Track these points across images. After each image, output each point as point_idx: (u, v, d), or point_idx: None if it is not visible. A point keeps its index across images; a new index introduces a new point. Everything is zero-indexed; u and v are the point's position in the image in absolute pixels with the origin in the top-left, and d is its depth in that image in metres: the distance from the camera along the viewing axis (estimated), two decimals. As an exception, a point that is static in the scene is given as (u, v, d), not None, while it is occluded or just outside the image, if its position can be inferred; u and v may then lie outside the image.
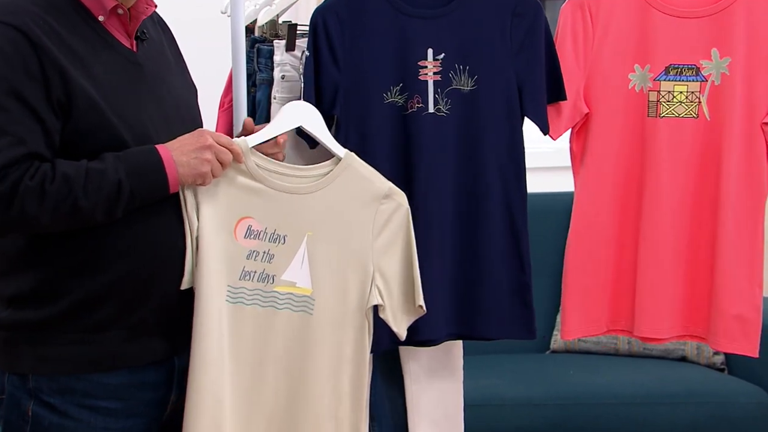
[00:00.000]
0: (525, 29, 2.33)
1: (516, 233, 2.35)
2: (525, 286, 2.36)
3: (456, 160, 2.32)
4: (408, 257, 2.09)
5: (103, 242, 1.90)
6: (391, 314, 2.09)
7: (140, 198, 1.89)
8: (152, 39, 2.03)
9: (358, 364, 2.07)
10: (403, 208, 2.10)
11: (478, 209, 2.33)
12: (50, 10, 1.88)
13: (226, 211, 2.02)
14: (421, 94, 2.31)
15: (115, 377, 1.94)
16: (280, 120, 2.11)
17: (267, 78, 2.49)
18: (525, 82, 2.33)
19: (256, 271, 2.03)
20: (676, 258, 2.40)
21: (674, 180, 2.38)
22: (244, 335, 2.03)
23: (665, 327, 2.42)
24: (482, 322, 2.35)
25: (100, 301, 1.91)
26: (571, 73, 2.38)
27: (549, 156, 3.75)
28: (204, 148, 1.94)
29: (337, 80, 2.27)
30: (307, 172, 2.08)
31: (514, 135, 2.35)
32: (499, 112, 2.33)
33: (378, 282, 2.07)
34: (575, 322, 2.45)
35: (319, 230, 2.05)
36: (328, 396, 2.06)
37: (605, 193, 2.42)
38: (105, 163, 1.86)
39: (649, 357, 3.46)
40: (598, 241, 2.42)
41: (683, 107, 2.38)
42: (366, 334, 2.08)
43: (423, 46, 2.31)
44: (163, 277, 1.95)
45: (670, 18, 2.36)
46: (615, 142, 2.41)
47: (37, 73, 1.83)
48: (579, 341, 3.46)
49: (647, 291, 2.40)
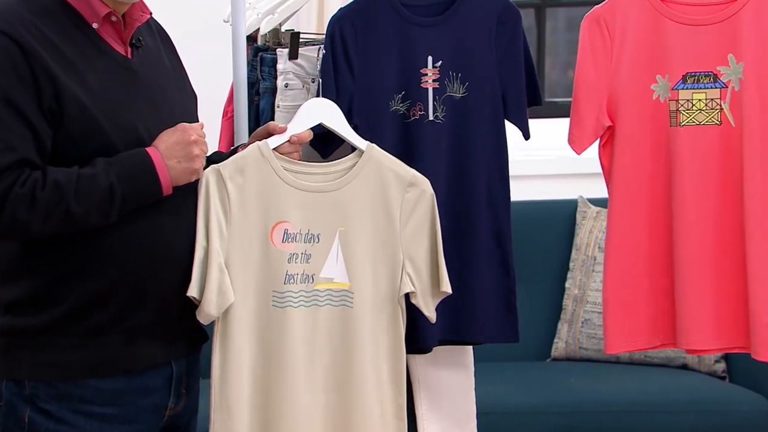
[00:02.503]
0: (509, 36, 2.34)
1: (501, 238, 2.36)
2: (510, 290, 2.37)
3: (448, 167, 2.33)
4: (434, 242, 2.11)
5: (98, 246, 1.88)
6: (422, 299, 2.12)
7: (133, 201, 1.88)
8: (148, 46, 2.01)
9: (395, 351, 2.10)
10: (428, 193, 2.11)
11: (467, 216, 2.33)
12: (44, 17, 1.87)
13: (259, 219, 2.04)
14: (423, 102, 2.31)
15: (112, 383, 1.92)
16: (300, 118, 2.11)
17: (270, 86, 2.47)
18: (508, 87, 2.35)
19: (297, 273, 2.05)
20: (708, 268, 2.36)
21: (698, 188, 2.35)
22: (297, 337, 2.05)
23: (706, 338, 2.37)
24: (470, 327, 2.36)
25: (98, 305, 1.90)
26: (593, 88, 2.37)
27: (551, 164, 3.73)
28: (190, 143, 1.93)
29: (352, 89, 2.28)
30: (332, 168, 2.10)
31: (499, 140, 2.36)
32: (486, 118, 2.34)
33: (408, 269, 2.09)
34: (617, 335, 2.42)
35: (349, 224, 2.07)
36: (372, 385, 2.08)
37: (636, 206, 2.39)
38: (96, 168, 1.85)
39: (650, 365, 3.43)
40: (633, 255, 2.39)
41: (703, 115, 2.35)
42: (400, 322, 2.10)
43: (424, 54, 2.31)
44: (161, 280, 1.93)
45: (683, 27, 2.34)
46: (641, 154, 2.38)
47: (28, 79, 1.81)
48: (580, 348, 3.43)
49: (683, 302, 2.36)
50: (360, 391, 2.07)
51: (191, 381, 2.05)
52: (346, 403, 2.07)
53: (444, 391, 2.48)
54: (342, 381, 2.07)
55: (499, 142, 2.35)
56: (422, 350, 2.33)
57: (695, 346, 2.38)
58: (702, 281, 2.36)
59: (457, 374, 2.49)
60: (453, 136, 2.33)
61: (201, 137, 1.95)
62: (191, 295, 1.97)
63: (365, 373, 2.07)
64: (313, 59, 2.42)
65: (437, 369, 2.46)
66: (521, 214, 3.32)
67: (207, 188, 2.01)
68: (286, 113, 2.39)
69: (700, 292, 2.35)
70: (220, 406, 2.03)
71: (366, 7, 2.30)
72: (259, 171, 2.04)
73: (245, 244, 2.03)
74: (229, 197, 2.02)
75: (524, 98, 2.36)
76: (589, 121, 2.37)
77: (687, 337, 2.37)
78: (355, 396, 2.07)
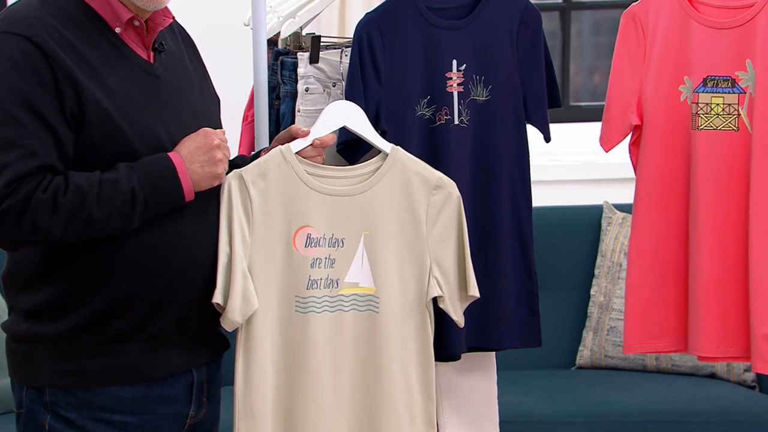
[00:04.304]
0: (530, 37, 2.35)
1: (524, 242, 2.37)
2: (533, 295, 2.38)
3: (472, 171, 2.33)
4: (461, 246, 2.11)
5: (119, 252, 1.89)
6: (450, 303, 2.12)
7: (155, 206, 1.89)
8: (171, 50, 2.02)
9: (424, 356, 2.10)
10: (454, 196, 2.12)
11: (491, 220, 2.34)
12: (66, 22, 1.88)
13: (282, 224, 2.04)
14: (449, 106, 2.32)
15: (132, 391, 1.93)
16: (323, 121, 2.12)
17: (291, 91, 2.48)
18: (529, 89, 2.35)
19: (321, 278, 2.06)
20: (718, 275, 2.35)
21: (711, 195, 2.34)
22: (320, 342, 2.05)
23: (714, 345, 2.37)
24: (494, 333, 2.36)
25: (118, 313, 1.90)
26: (624, 86, 2.37)
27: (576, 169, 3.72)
28: (213, 148, 1.93)
29: (379, 94, 2.28)
30: (356, 171, 2.10)
31: (521, 144, 2.36)
32: (509, 121, 2.35)
33: (435, 273, 2.10)
34: (635, 336, 2.42)
35: (374, 228, 2.08)
36: (401, 390, 2.08)
37: (657, 207, 2.39)
38: (118, 173, 1.86)
39: (678, 374, 3.41)
40: (653, 256, 2.39)
41: (720, 120, 2.34)
42: (428, 327, 2.11)
43: (449, 57, 2.32)
44: (182, 288, 1.94)
45: (707, 29, 2.34)
46: (665, 156, 2.38)
47: (50, 84, 1.82)
48: (605, 356, 3.42)
49: (694, 308, 2.36)
50: (388, 397, 2.07)
51: (212, 389, 2.06)
52: (374, 409, 2.07)
53: (467, 398, 2.47)
54: (368, 387, 2.07)
55: (521, 145, 2.36)
56: (450, 358, 2.33)
57: (704, 352, 2.37)
58: (712, 288, 2.35)
59: (481, 381, 2.49)
60: (477, 141, 2.33)
61: (223, 142, 1.96)
62: (216, 302, 1.97)
63: (393, 379, 2.07)
64: (334, 63, 2.42)
65: (460, 375, 2.46)
66: (546, 220, 3.34)
67: (229, 193, 2.02)
68: (306, 117, 2.40)
69: (709, 299, 2.35)
70: (244, 414, 2.03)
71: (393, 11, 2.30)
72: (282, 175, 2.05)
73: (268, 250, 2.03)
74: (251, 202, 2.03)
75: (545, 100, 2.37)
76: (618, 119, 2.37)
77: (696, 343, 2.37)
78: (383, 402, 2.07)
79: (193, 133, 1.94)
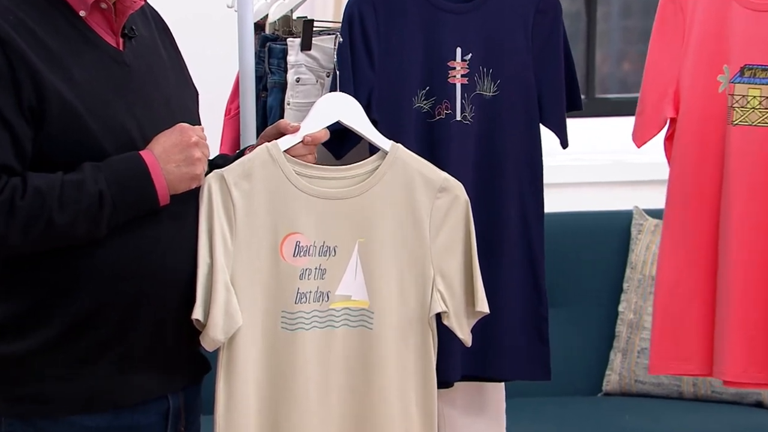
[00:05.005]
0: (547, 28, 2.35)
1: (533, 257, 2.37)
2: (541, 319, 2.37)
3: (475, 174, 2.34)
4: (468, 255, 2.12)
5: (85, 262, 1.90)
6: (456, 320, 2.13)
7: (125, 211, 1.90)
8: (143, 36, 2.03)
9: (425, 379, 2.11)
10: (461, 200, 2.12)
11: (496, 234, 2.34)
12: (23, 5, 1.88)
13: (268, 230, 2.06)
14: (450, 100, 2.33)
15: (98, 419, 1.94)
16: (315, 116, 2.13)
17: (280, 81, 2.50)
18: (545, 87, 2.35)
19: (311, 291, 2.07)
20: (747, 291, 2.37)
21: (741, 200, 2.35)
22: (309, 363, 2.06)
23: (740, 370, 2.38)
24: (496, 361, 2.36)
25: (82, 331, 1.91)
26: (662, 74, 2.38)
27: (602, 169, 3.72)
28: (191, 146, 1.95)
29: (371, 81, 2.29)
30: (351, 172, 2.11)
31: (533, 148, 2.36)
32: (519, 121, 2.35)
33: (439, 286, 2.10)
34: (661, 356, 2.43)
35: (370, 235, 2.09)
36: (398, 418, 2.09)
37: (689, 211, 2.40)
38: (83, 174, 1.87)
39: (719, 401, 3.42)
40: (683, 268, 2.41)
41: (757, 114, 2.35)
42: (430, 346, 2.11)
43: (452, 45, 2.32)
44: (156, 303, 1.95)
45: (748, 12, 2.34)
46: (699, 153, 2.39)
47: (5, 74, 1.83)
48: (636, 382, 3.43)
49: (720, 327, 2.37)
50: (383, 422, 2.08)
51: (191, 417, 2.07)
52: None
53: None
54: (362, 411, 2.08)
55: (532, 148, 2.36)
56: (444, 384, 2.31)
57: (728, 376, 2.38)
58: (739, 305, 2.35)
59: (484, 419, 2.48)
60: (481, 140, 2.34)
61: (202, 139, 1.97)
62: (196, 317, 1.99)
63: (389, 403, 2.08)
64: (328, 50, 2.44)
65: (457, 410, 2.46)
66: (568, 227, 3.35)
67: (209, 196, 2.03)
68: (297, 111, 2.41)
69: (736, 316, 2.35)
70: None
71: None
72: (268, 176, 2.06)
73: (253, 259, 2.05)
74: (234, 206, 2.05)
75: (563, 100, 2.37)
76: (653, 110, 2.38)
77: (721, 366, 2.37)
78: (377, 429, 2.08)
79: (168, 129, 1.95)
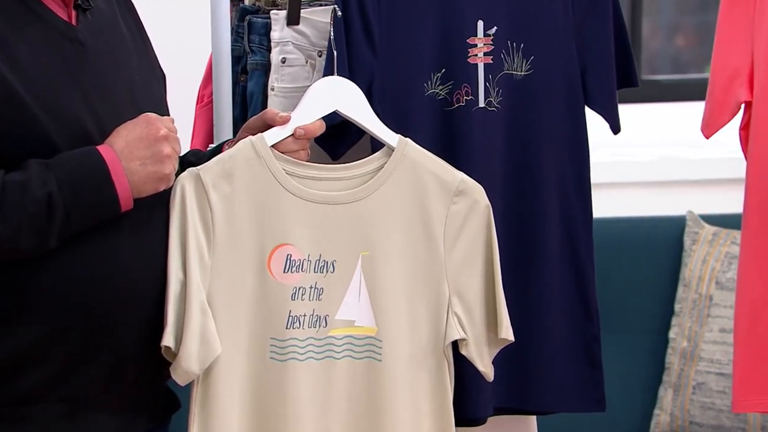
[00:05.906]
0: None
1: (579, 268, 2.38)
2: (593, 339, 2.39)
3: (504, 171, 2.35)
4: (490, 272, 2.13)
5: (31, 281, 1.90)
6: (476, 349, 2.14)
7: (80, 218, 1.90)
8: (99, 8, 2.04)
9: (441, 419, 2.12)
10: (482, 205, 2.14)
11: (532, 238, 2.36)
12: None
13: (253, 241, 2.07)
14: (471, 84, 2.33)
15: (44, 470, 1.95)
16: (308, 104, 2.14)
17: (262, 62, 2.50)
18: (589, 63, 2.37)
19: (305, 314, 2.08)
20: None
21: None
22: (303, 400, 2.07)
23: None
24: (537, 390, 2.37)
25: (27, 365, 1.91)
26: (735, 50, 2.39)
27: (650, 167, 3.72)
28: (159, 140, 1.95)
29: (372, 65, 2.30)
30: (351, 172, 2.12)
31: (577, 136, 2.38)
32: (558, 104, 2.36)
33: (456, 308, 2.12)
34: (745, 390, 2.43)
35: (375, 248, 2.10)
36: None
37: None
38: (28, 173, 1.87)
39: (792, 445, 3.43)
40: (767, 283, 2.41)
41: None
42: (446, 380, 2.12)
43: (473, 18, 2.33)
44: (115, 329, 1.95)
45: None
46: None
47: None
48: (690, 423, 3.44)
49: None
50: None
51: (157, 465, 2.08)
52: None
53: None
54: None
55: (576, 137, 2.37)
56: (472, 422, 2.34)
57: None
58: None
59: None
60: (512, 130, 2.35)
61: (172, 132, 1.98)
62: (166, 344, 1.99)
63: None
64: (320, 25, 2.44)
65: None
66: (608, 236, 3.34)
67: (182, 200, 2.04)
68: (282, 98, 2.42)
69: None
70: None
71: None
72: (253, 176, 2.07)
73: (235, 276, 2.05)
74: (212, 212, 2.05)
75: (613, 77, 2.38)
76: (723, 92, 2.39)
77: None
78: None
79: (130, 121, 1.96)
